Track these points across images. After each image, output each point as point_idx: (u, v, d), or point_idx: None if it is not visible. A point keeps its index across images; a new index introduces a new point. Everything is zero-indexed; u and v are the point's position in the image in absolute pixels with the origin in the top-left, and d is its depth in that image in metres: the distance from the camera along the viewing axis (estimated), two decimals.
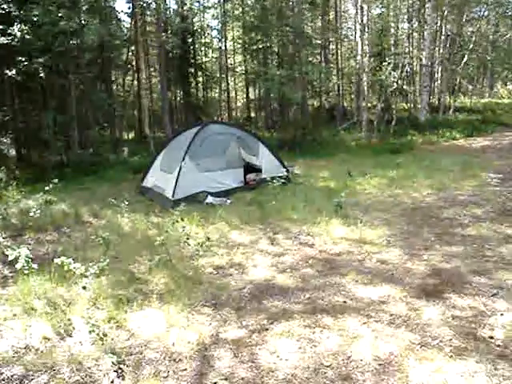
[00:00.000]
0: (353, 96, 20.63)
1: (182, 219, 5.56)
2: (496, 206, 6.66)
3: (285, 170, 8.77)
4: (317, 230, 5.82)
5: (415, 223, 6.03)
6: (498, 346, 3.30)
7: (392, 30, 19.40)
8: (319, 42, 19.78)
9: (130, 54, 17.34)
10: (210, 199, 7.58)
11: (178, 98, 21.43)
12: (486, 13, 23.48)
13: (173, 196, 7.46)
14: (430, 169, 9.16)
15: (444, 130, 13.95)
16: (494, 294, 4.08)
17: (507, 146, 12.16)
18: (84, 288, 3.74)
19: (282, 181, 7.88)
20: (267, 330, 3.58)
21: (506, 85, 35.18)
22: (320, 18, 20.10)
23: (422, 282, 4.33)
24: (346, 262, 4.86)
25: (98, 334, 3.38)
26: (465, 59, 19.93)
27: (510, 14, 26.35)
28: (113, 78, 16.20)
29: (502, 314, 3.74)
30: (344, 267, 4.70)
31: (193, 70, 20.22)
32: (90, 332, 3.40)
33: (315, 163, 10.39)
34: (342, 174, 9.03)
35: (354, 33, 18.86)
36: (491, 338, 3.41)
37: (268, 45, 17.10)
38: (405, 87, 18.10)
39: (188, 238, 5.14)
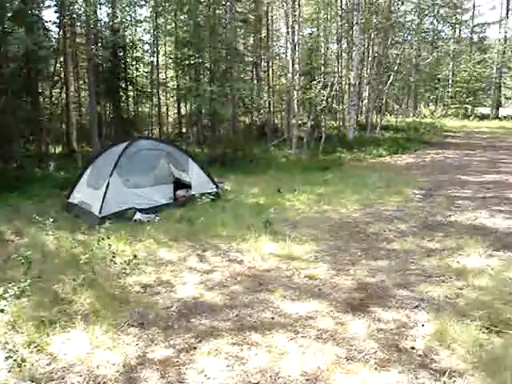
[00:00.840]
0: (283, 113, 20.94)
1: (109, 237, 5.40)
2: (419, 220, 6.94)
3: (215, 186, 8.74)
4: (246, 246, 5.81)
5: (342, 238, 6.16)
6: (419, 355, 3.43)
7: (322, 50, 19.90)
8: (251, 59, 20.01)
9: (59, 65, 16.84)
10: (138, 216, 7.43)
11: (108, 112, 20.99)
12: (409, 37, 24.68)
13: (100, 213, 7.24)
14: (358, 185, 9.42)
15: (371, 148, 14.42)
16: (416, 305, 4.23)
17: (429, 164, 12.73)
18: (1, 311, 3.54)
19: (212, 197, 7.86)
20: (195, 348, 3.52)
21: (428, 105, 36.98)
22: (252, 35, 20.37)
23: (348, 296, 4.41)
24: (274, 278, 4.87)
25: (15, 360, 3.19)
26: (390, 80, 20.77)
27: (429, 39, 27.86)
28: (40, 90, 15.61)
29: (423, 325, 3.88)
30: (272, 283, 4.71)
31: (123, 84, 19.86)
32: (6, 358, 3.20)
33: (246, 179, 10.44)
34: (271, 190, 9.12)
35: (285, 51, 19.22)
36: (413, 348, 3.54)
37: (200, 60, 17.09)
38: (334, 105, 18.61)
39: (114, 256, 5.00)
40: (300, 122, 15.93)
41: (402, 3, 22.81)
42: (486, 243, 5.85)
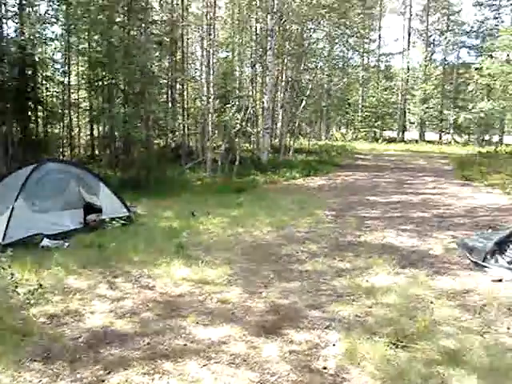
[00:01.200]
0: (198, 136, 20.90)
1: (10, 266, 5.07)
2: (330, 241, 7.11)
3: (127, 210, 8.49)
4: (158, 271, 5.67)
5: (256, 261, 6.16)
6: (331, 375, 3.48)
7: (237, 74, 20.17)
8: (166, 81, 19.88)
9: None
10: (46, 242, 7.05)
11: (15, 133, 19.96)
12: (320, 63, 25.61)
13: (3, 240, 6.79)
14: (271, 207, 9.52)
15: (285, 170, 14.68)
16: (328, 325, 4.29)
17: (340, 185, 13.15)
18: None
19: (122, 222, 7.63)
20: (103, 381, 3.35)
21: (339, 128, 38.43)
22: (167, 57, 20.28)
23: (261, 319, 4.40)
24: (187, 303, 4.77)
25: None
26: (303, 104, 21.38)
27: (340, 66, 29.09)
28: None
29: (334, 345, 3.94)
30: (185, 309, 4.61)
31: (32, 104, 19.02)
32: None
33: (160, 203, 10.25)
34: (185, 213, 8.98)
35: (200, 74, 19.29)
36: (325, 368, 3.58)
37: (113, 82, 16.74)
38: (248, 129, 18.83)
39: (17, 286, 4.68)
40: (215, 144, 15.98)
41: (314, 31, 23.65)
42: (393, 261, 6.09)
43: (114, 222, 7.29)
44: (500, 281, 5.58)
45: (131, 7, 14.26)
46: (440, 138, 38.79)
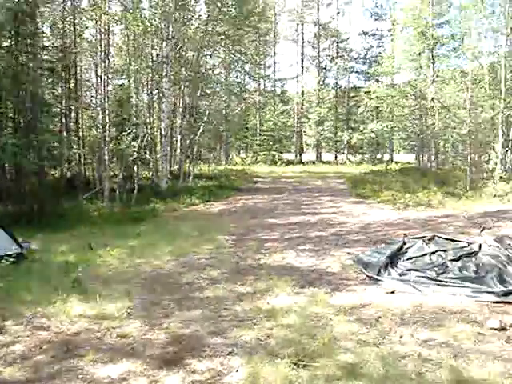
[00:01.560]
0: (95, 165, 20.28)
1: None
2: (230, 266, 7.12)
3: (18, 246, 8.01)
4: (53, 309, 5.35)
5: (156, 291, 6.03)
6: None
7: (133, 101, 19.87)
8: (60, 109, 19.18)
9: None
10: None
11: None
12: (217, 89, 25.95)
13: None
14: (172, 235, 9.40)
15: (185, 197, 14.57)
16: (230, 352, 4.27)
17: (240, 209, 13.27)
18: None
19: (12, 260, 7.18)
20: None
21: (239, 153, 38.94)
22: (60, 85, 19.60)
23: (162, 351, 4.30)
24: (84, 341, 4.54)
25: None
26: (201, 129, 21.47)
27: (236, 91, 29.63)
28: None
29: (236, 371, 3.93)
30: (82, 347, 4.39)
31: None
32: None
33: (55, 237, 9.75)
34: (82, 246, 8.62)
35: (95, 102, 18.80)
36: None
37: (1, 111, 15.88)
38: (147, 156, 18.58)
39: None
40: (112, 173, 15.59)
41: (210, 57, 23.96)
42: (292, 282, 6.22)
43: (2, 261, 6.83)
44: (393, 292, 5.88)
45: (19, 31, 13.65)
46: (336, 159, 40.52)
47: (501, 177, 15.04)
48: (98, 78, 16.30)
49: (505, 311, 5.22)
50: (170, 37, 17.21)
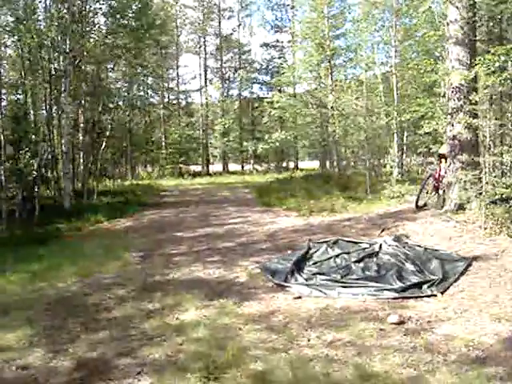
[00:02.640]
0: None
1: None
2: (138, 283, 6.95)
3: None
4: None
5: (60, 316, 5.73)
6: None
7: (31, 117, 18.99)
8: None
9: None
10: None
11: None
12: (120, 103, 25.48)
13: None
14: (76, 255, 9.01)
15: (89, 215, 14.07)
16: (139, 372, 4.19)
17: (147, 224, 12.99)
18: None
19: None
20: None
21: (145, 167, 38.37)
22: None
23: (68, 378, 4.13)
24: None
25: None
26: (104, 145, 20.95)
27: (139, 105, 29.26)
28: None
29: None
30: None
31: None
32: None
33: None
34: None
35: None
36: None
37: None
38: (48, 175, 17.82)
39: None
40: (10, 194, 14.78)
41: (111, 71, 23.49)
42: (201, 295, 6.20)
43: None
44: (300, 298, 6.04)
45: None
46: (242, 169, 41.04)
47: (397, 179, 15.92)
48: None
49: (403, 306, 5.53)
50: (67, 50, 16.65)
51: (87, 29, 18.75)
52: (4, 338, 5.06)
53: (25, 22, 16.00)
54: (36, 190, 15.21)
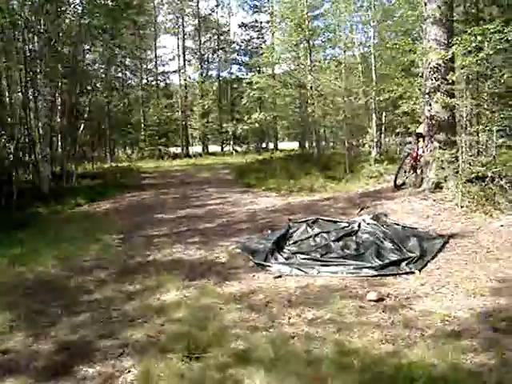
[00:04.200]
0: None
1: None
2: (119, 266, 6.96)
3: None
4: None
5: (41, 300, 5.72)
6: None
7: (6, 100, 18.64)
8: None
9: None
10: None
11: None
12: (98, 85, 25.14)
13: None
14: (56, 239, 8.94)
15: (69, 198, 13.96)
16: (121, 353, 4.22)
17: (127, 207, 12.91)
18: None
19: None
20: None
21: (124, 149, 38.02)
22: None
23: (49, 361, 4.14)
24: None
25: None
26: (82, 127, 20.71)
27: (118, 87, 28.83)
28: None
29: (129, 371, 3.89)
30: None
31: None
32: None
33: None
34: None
35: None
36: None
37: None
38: (25, 158, 17.59)
39: None
40: None
41: (88, 52, 23.12)
42: (182, 276, 6.24)
43: None
44: (280, 277, 6.11)
45: None
46: (222, 150, 40.95)
47: (376, 159, 16.04)
48: None
49: (382, 283, 5.64)
50: (42, 30, 16.31)
51: (62, 8, 18.37)
52: None
53: None
54: (13, 173, 15.01)
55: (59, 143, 20.19)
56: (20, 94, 18.70)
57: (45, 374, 3.94)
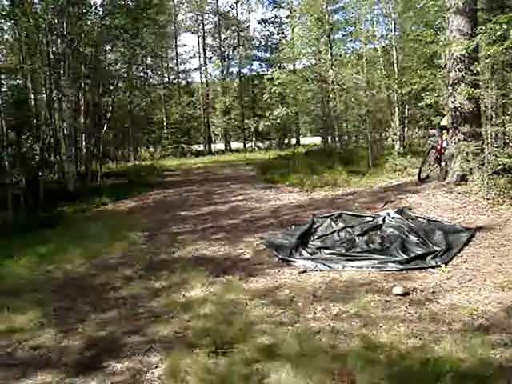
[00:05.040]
0: None
1: None
2: (144, 263, 7.03)
3: None
4: None
5: (69, 297, 5.84)
6: None
7: (32, 102, 18.93)
8: None
9: None
10: None
11: None
12: (120, 85, 25.37)
13: None
14: (82, 237, 9.07)
15: (94, 197, 14.13)
16: (148, 349, 4.27)
17: (151, 205, 12.95)
18: None
19: None
20: None
21: (147, 148, 38.33)
22: None
23: (79, 357, 4.22)
24: None
25: None
26: (105, 127, 20.94)
27: (140, 86, 29.09)
28: None
29: (156, 367, 3.94)
30: None
31: None
32: None
33: None
34: None
35: None
36: None
37: None
38: (51, 158, 17.87)
39: None
40: (14, 179, 14.82)
41: (110, 52, 23.33)
42: (207, 272, 6.28)
43: None
44: (305, 272, 6.10)
45: None
46: (244, 146, 40.95)
47: (399, 152, 15.88)
48: None
49: (408, 277, 5.59)
50: (65, 33, 16.52)
51: (84, 10, 18.56)
52: (15, 319, 5.15)
53: (20, 5, 15.84)
54: (40, 174, 15.25)
55: (83, 143, 20.44)
56: (44, 95, 19.00)
57: (74, 369, 4.02)
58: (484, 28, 8.69)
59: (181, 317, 4.88)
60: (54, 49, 17.73)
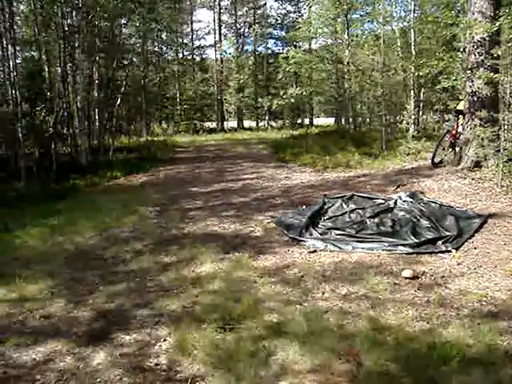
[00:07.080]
0: (8, 144, 19.24)
1: None
2: (154, 237, 7.08)
3: None
4: None
5: (79, 269, 5.91)
6: (164, 370, 3.52)
7: (46, 74, 18.92)
8: None
9: None
10: None
11: None
12: (134, 59, 25.26)
13: None
14: (94, 210, 9.15)
15: (106, 171, 14.20)
16: (157, 322, 4.31)
17: (163, 180, 13.00)
18: None
19: None
20: None
21: (160, 123, 38.28)
22: None
23: (88, 328, 4.27)
24: (5, 327, 4.39)
25: None
26: (119, 101, 20.91)
27: (154, 61, 28.93)
28: None
29: (164, 340, 3.97)
30: (3, 333, 4.24)
31: None
32: None
33: None
34: None
35: (3, 76, 17.72)
36: (157, 365, 3.60)
37: None
38: (64, 131, 17.92)
39: None
40: (28, 151, 14.91)
41: (125, 27, 23.17)
42: (216, 248, 6.30)
43: None
44: (315, 252, 6.10)
45: None
46: (257, 125, 40.77)
47: (413, 136, 15.72)
48: (4, 51, 15.30)
49: (417, 261, 5.56)
50: (80, 5, 16.43)
51: None
52: (27, 289, 5.23)
53: None
54: (53, 146, 15.33)
55: (96, 117, 20.45)
56: (59, 68, 18.98)
57: (84, 339, 4.07)
58: (507, 10, 8.49)
59: (189, 292, 4.92)
60: (68, 21, 17.64)
